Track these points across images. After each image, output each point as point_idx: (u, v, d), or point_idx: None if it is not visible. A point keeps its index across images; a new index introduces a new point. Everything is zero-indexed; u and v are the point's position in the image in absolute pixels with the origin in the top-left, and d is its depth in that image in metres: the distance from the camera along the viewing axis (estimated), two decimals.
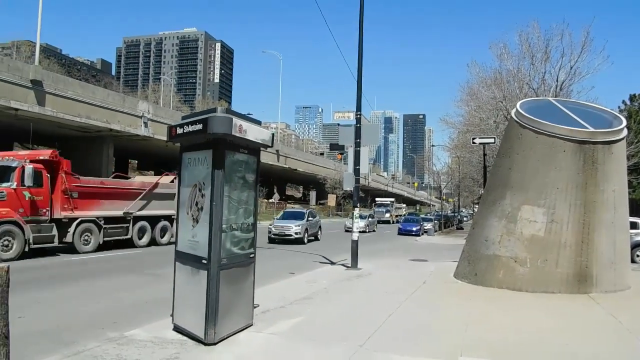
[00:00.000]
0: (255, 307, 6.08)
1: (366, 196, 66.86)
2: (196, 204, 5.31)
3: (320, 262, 14.20)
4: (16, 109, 28.88)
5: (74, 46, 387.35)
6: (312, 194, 78.97)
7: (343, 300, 8.22)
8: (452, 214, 62.25)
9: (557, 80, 24.68)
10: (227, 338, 5.35)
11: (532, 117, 8.95)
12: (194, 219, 5.35)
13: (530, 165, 8.97)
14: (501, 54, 26.11)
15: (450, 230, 44.95)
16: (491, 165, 20.30)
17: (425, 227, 35.58)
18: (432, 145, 67.39)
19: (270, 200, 50.50)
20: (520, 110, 9.33)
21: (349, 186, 12.61)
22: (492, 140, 21.34)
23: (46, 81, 30.75)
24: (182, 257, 5.54)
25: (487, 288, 9.05)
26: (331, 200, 68.23)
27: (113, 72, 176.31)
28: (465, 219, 73.28)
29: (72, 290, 9.27)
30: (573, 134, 8.48)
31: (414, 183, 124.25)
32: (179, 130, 5.31)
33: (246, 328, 5.78)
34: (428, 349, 5.23)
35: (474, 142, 22.66)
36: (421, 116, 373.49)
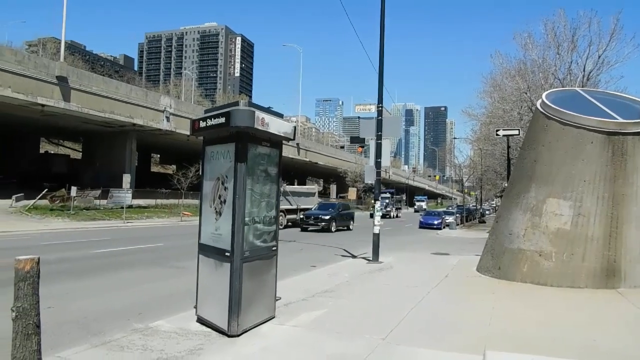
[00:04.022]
0: (277, 300, 6.11)
1: (394, 191, 66.52)
2: (219, 197, 5.34)
3: (342, 256, 14.19)
4: (43, 105, 29.54)
5: (97, 42, 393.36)
6: (333, 187, 78.93)
7: (365, 293, 8.21)
8: (474, 208, 61.53)
9: (584, 70, 24.07)
10: (249, 330, 5.39)
11: (559, 108, 8.74)
12: (217, 212, 5.39)
13: (556, 157, 8.77)
14: (526, 43, 25.59)
15: (472, 224, 44.48)
16: (515, 158, 19.95)
17: (447, 221, 35.27)
18: (454, 138, 66.70)
19: None
20: (546, 101, 9.12)
21: (370, 179, 12.54)
22: (516, 132, 20.95)
23: (71, 77, 31.35)
24: (206, 250, 5.59)
25: (510, 282, 8.92)
26: (351, 193, 68.08)
27: (135, 68, 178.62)
28: (487, 212, 72.37)
29: (99, 281, 9.46)
30: (601, 125, 8.25)
31: (435, 176, 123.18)
32: (202, 124, 5.34)
33: (269, 320, 5.82)
34: (452, 342, 5.18)
35: (497, 134, 22.29)
36: (442, 108, 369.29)
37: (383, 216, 45.88)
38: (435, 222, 33.46)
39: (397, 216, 53.69)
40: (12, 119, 34.78)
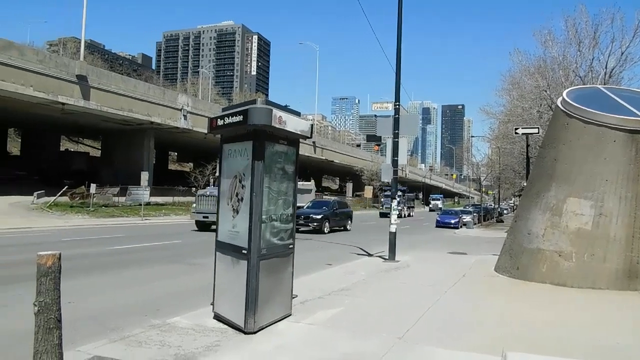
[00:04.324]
0: (293, 298, 6.13)
1: (409, 188, 66.18)
2: (236, 195, 5.37)
3: (358, 254, 14.16)
4: (63, 103, 30.03)
5: (116, 42, 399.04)
6: (349, 186, 78.88)
7: (381, 292, 8.17)
8: (492, 207, 60.88)
9: (606, 67, 23.62)
10: (266, 327, 5.40)
11: (580, 106, 8.59)
12: (234, 209, 5.42)
13: (577, 156, 8.63)
14: (545, 40, 25.19)
15: (490, 223, 44.03)
16: (534, 157, 19.68)
17: (464, 220, 34.96)
18: (472, 136, 66.21)
19: None
20: (567, 99, 8.97)
21: (387, 178, 12.49)
22: (535, 131, 20.64)
23: (91, 76, 31.81)
24: (223, 247, 5.62)
25: (529, 282, 8.80)
26: (368, 191, 67.91)
27: (153, 66, 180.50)
28: (505, 211, 71.61)
29: (117, 277, 9.60)
30: (624, 123, 8.09)
31: (452, 175, 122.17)
32: (220, 122, 5.37)
33: (285, 318, 5.83)
34: (469, 342, 5.13)
35: (516, 133, 21.98)
36: (460, 107, 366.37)
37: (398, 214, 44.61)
38: (453, 221, 33.20)
39: (409, 215, 51.69)
40: (33, 117, 35.47)
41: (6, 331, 5.67)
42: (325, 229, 22.55)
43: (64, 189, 31.09)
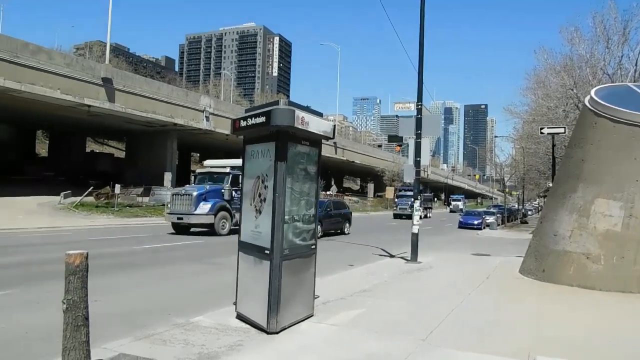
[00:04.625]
0: (316, 298, 6.12)
1: (425, 189, 65.61)
2: (259, 195, 5.39)
3: (380, 255, 14.10)
4: (89, 106, 30.64)
5: (140, 45, 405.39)
6: (370, 186, 78.64)
7: (404, 293, 8.11)
8: (516, 208, 59.91)
9: (636, 64, 23.01)
10: (288, 328, 5.41)
11: (609, 105, 8.38)
12: (257, 210, 5.44)
13: (605, 156, 8.41)
14: (572, 38, 24.65)
15: (514, 224, 43.34)
16: (560, 157, 19.28)
17: (488, 221, 34.47)
18: (495, 136, 65.25)
19: (328, 192, 50.79)
20: (595, 97, 8.76)
21: (409, 178, 12.40)
22: (562, 130, 20.23)
23: (115, 79, 32.39)
24: (246, 247, 5.65)
25: (555, 285, 8.62)
26: (389, 192, 67.58)
27: (176, 68, 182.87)
28: (529, 212, 70.38)
29: (140, 276, 9.75)
30: None
31: (475, 175, 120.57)
32: (242, 123, 5.41)
33: (307, 318, 5.83)
34: (494, 346, 5.04)
35: (541, 133, 21.57)
36: (483, 106, 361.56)
37: (409, 217, 41.72)
38: (475, 222, 32.78)
39: (426, 216, 48.08)
40: (60, 119, 36.28)
41: (38, 327, 5.81)
42: (317, 232, 21.20)
43: (89, 190, 31.75)
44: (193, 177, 21.46)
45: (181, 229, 19.28)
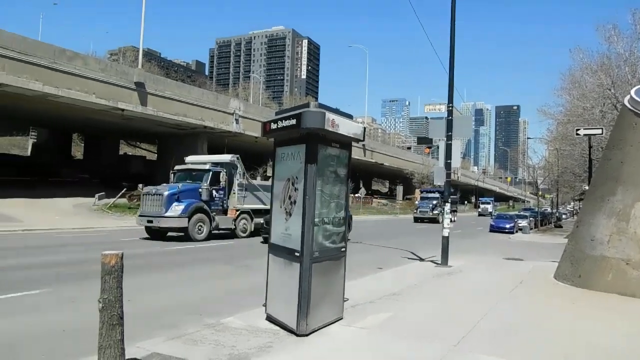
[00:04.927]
0: (345, 301, 6.10)
1: (455, 191, 64.58)
2: (289, 198, 5.41)
3: (409, 258, 13.95)
4: (122, 109, 31.40)
5: (171, 50, 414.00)
6: (399, 189, 77.97)
7: (434, 297, 8.00)
8: (550, 211, 58.38)
9: None
10: (318, 330, 5.41)
11: None
12: (287, 212, 5.46)
13: None
14: (610, 36, 23.88)
15: (548, 228, 42.25)
16: (597, 159, 18.70)
17: (520, 225, 33.67)
18: (528, 138, 63.71)
19: (356, 195, 50.61)
20: (635, 97, 8.46)
21: (439, 181, 12.24)
22: (599, 131, 19.60)
23: (148, 83, 33.09)
24: (276, 249, 5.68)
25: (593, 292, 8.34)
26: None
27: (206, 72, 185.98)
28: (564, 216, 68.49)
29: (172, 276, 9.92)
30: None
31: (506, 178, 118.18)
32: (273, 126, 5.44)
33: (336, 321, 5.81)
34: (529, 354, 4.92)
35: (577, 134, 20.97)
36: (515, 107, 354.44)
37: (432, 220, 39.61)
38: (507, 226, 32.08)
39: (451, 220, 46.72)
40: (95, 122, 37.27)
41: (73, 324, 5.97)
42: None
43: (122, 191, 32.51)
44: (172, 174, 19.21)
45: (155, 233, 17.24)
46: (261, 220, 17.99)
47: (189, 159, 20.97)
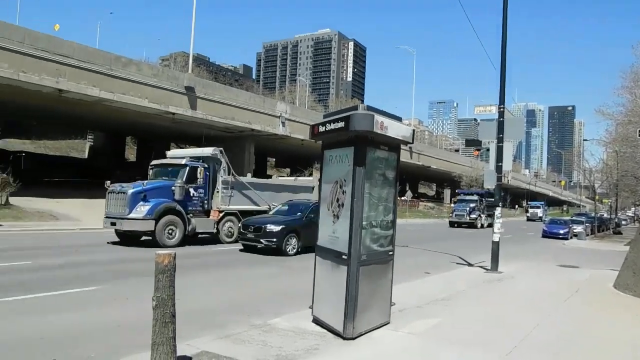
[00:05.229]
0: (392, 305, 6.02)
1: (505, 195, 62.58)
2: (337, 200, 5.40)
3: (457, 263, 13.64)
4: (173, 113, 32.45)
5: (220, 54, 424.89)
6: (446, 192, 76.44)
7: (483, 304, 7.79)
8: (607, 217, 55.58)
9: None
10: (364, 334, 5.37)
11: None
12: (334, 215, 5.46)
13: None
14: None
15: (606, 235, 40.26)
16: None
17: (575, 230, 32.21)
18: (584, 140, 60.92)
19: (402, 198, 50.00)
20: None
21: (490, 184, 11.92)
22: None
23: (197, 87, 34.03)
24: (323, 252, 5.68)
25: None
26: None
27: (253, 76, 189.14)
28: (624, 222, 65.04)
29: (220, 276, 10.14)
30: None
31: (560, 181, 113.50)
32: (321, 129, 5.45)
33: (383, 325, 5.76)
34: None
35: None
36: (570, 108, 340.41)
37: (470, 225, 36.96)
38: (561, 232, 30.77)
39: (491, 225, 42.41)
40: (147, 126, 38.70)
41: (127, 320, 6.20)
42: (290, 248, 13.92)
43: None
44: (150, 170, 17.13)
45: (126, 236, 14.90)
46: None
47: (169, 153, 19.10)
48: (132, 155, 58.96)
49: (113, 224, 14.56)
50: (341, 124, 5.07)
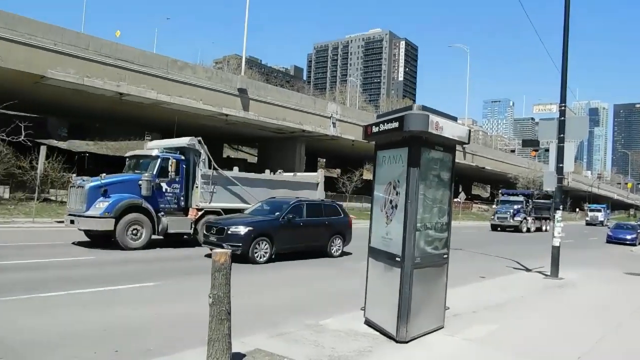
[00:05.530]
0: (446, 310, 5.89)
1: (565, 197, 59.76)
2: (390, 202, 5.34)
3: (514, 268, 13.15)
4: (226, 115, 33.31)
5: (271, 56, 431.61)
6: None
7: (542, 312, 7.46)
8: None
9: None
10: (418, 338, 5.28)
11: None
12: (387, 216, 5.40)
13: None
14: None
15: None
16: None
17: None
18: None
19: (455, 200, 48.91)
20: None
21: (549, 186, 11.41)
22: None
23: (250, 89, 34.74)
24: (375, 254, 5.63)
25: None
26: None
27: (304, 77, 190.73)
28: None
29: (272, 276, 10.25)
30: None
31: (627, 184, 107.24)
32: (375, 129, 5.41)
33: (437, 330, 5.64)
34: None
35: None
36: (638, 105, 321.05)
37: (515, 229, 33.56)
38: (628, 237, 28.97)
39: (538, 229, 36.37)
40: (201, 127, 39.72)
41: (183, 316, 6.40)
42: (260, 254, 11.63)
43: None
44: (125, 163, 15.44)
45: (94, 236, 13.31)
46: None
47: (151, 144, 17.11)
48: None
49: (72, 222, 12.99)
50: (395, 124, 5.00)
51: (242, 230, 11.48)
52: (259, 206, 13.65)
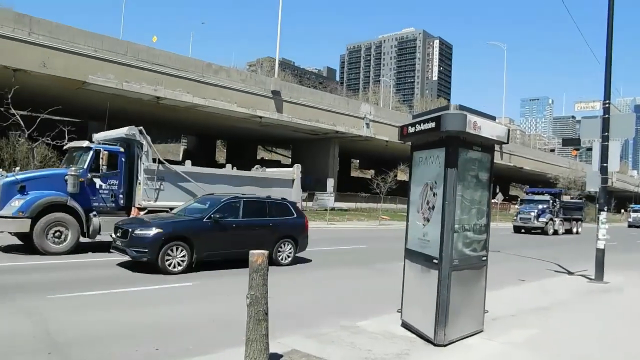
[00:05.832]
0: (485, 313, 5.76)
1: (609, 198, 57.32)
2: (427, 203, 5.27)
3: (555, 271, 12.76)
4: (260, 117, 33.67)
5: (304, 58, 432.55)
6: None
7: (586, 317, 7.20)
8: None
9: None
10: (456, 341, 5.19)
11: None
12: (424, 217, 5.32)
13: None
14: None
15: None
16: None
17: None
18: None
19: (493, 201, 47.87)
20: None
21: (593, 187, 11.00)
22: None
23: (283, 91, 34.99)
24: (412, 255, 5.57)
25: None
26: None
27: (337, 78, 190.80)
28: None
29: (309, 277, 10.30)
30: None
31: None
32: (411, 130, 5.35)
33: (476, 334, 5.53)
34: None
35: None
36: None
37: (542, 231, 30.62)
38: None
39: (568, 232, 33.42)
40: (236, 129, 40.47)
41: (220, 316, 6.49)
42: (173, 263, 9.49)
43: None
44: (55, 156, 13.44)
45: (26, 239, 11.46)
46: None
47: (97, 136, 14.24)
48: (222, 157, 61.90)
49: None
50: (432, 125, 4.94)
51: (149, 232, 9.38)
52: (191, 204, 11.60)
